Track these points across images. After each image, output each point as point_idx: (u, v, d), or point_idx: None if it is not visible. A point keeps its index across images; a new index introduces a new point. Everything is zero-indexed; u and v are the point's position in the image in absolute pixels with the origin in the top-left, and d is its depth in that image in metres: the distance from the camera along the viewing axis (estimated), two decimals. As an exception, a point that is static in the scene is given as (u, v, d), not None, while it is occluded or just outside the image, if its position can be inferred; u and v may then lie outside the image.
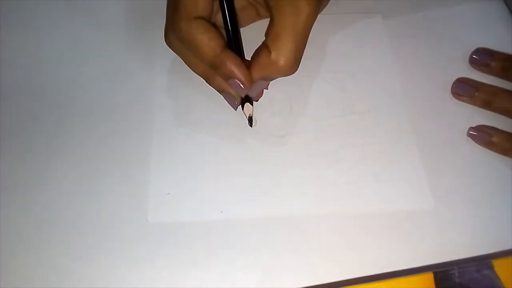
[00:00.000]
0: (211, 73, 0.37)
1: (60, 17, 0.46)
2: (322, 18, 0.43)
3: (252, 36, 0.39)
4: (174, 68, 0.40)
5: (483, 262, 0.34)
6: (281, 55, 0.34)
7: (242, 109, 0.39)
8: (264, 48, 0.35)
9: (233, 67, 0.35)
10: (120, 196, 0.37)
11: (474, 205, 0.37)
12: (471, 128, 0.39)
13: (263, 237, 0.36)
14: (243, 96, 0.38)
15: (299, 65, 0.35)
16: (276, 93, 0.41)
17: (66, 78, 0.42)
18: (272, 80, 0.38)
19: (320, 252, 0.35)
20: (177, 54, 0.39)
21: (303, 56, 0.35)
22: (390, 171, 0.38)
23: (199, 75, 0.39)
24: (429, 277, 0.34)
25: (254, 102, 0.39)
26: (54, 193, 0.37)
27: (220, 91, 0.38)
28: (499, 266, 0.34)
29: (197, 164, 0.38)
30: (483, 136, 0.39)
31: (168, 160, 0.38)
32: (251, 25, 0.43)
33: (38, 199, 0.37)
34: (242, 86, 0.36)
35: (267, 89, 0.39)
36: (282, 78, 0.36)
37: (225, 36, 0.37)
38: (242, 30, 0.41)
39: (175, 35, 0.37)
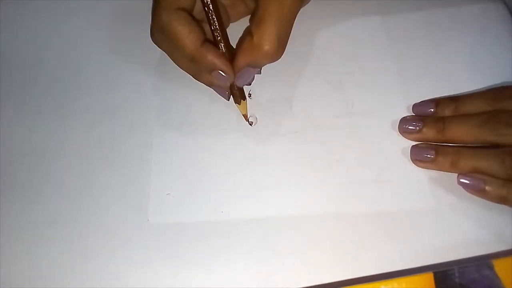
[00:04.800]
0: (197, 69, 0.37)
1: (59, 18, 0.46)
2: (323, 19, 0.43)
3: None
4: (174, 68, 0.40)
5: (483, 262, 0.34)
6: (263, 39, 0.34)
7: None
8: (247, 34, 0.35)
9: (214, 58, 0.35)
10: (121, 197, 0.37)
11: (474, 205, 0.36)
12: (461, 176, 0.36)
13: (263, 237, 0.36)
14: (228, 85, 0.38)
15: (283, 50, 0.35)
16: (276, 92, 0.41)
17: (66, 78, 0.42)
18: (259, 66, 0.37)
19: (320, 252, 0.35)
20: (163, 50, 0.39)
21: (302, 56, 0.35)
22: (390, 171, 0.38)
23: (186, 71, 0.39)
24: (429, 277, 0.34)
25: (251, 96, 0.40)
26: (54, 193, 0.37)
27: (209, 84, 0.38)
28: (499, 266, 0.34)
29: (198, 164, 0.38)
30: (476, 183, 0.35)
31: (168, 160, 0.38)
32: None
33: (38, 199, 0.37)
34: (224, 75, 0.36)
35: (260, 73, 0.39)
36: (281, 78, 0.36)
37: (208, 28, 0.37)
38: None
39: (157, 27, 0.36)
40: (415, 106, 0.40)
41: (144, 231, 0.36)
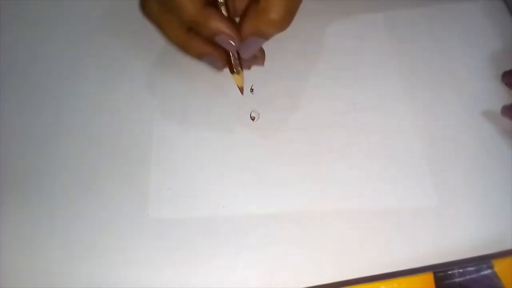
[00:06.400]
0: (189, 37, 0.35)
1: (60, 17, 0.45)
2: (326, 16, 0.43)
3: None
4: (174, 64, 0.40)
5: (483, 262, 0.34)
6: (270, 4, 0.32)
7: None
8: (253, 0, 0.33)
9: (219, 21, 0.33)
10: (121, 191, 0.36)
11: (474, 205, 0.37)
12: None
13: (264, 234, 0.35)
14: (234, 54, 0.36)
15: (291, 19, 0.33)
16: (279, 88, 0.41)
17: (66, 77, 0.42)
18: (266, 37, 0.34)
19: (321, 252, 0.35)
20: (154, 23, 0.36)
21: (305, 53, 0.34)
22: (393, 169, 0.38)
23: (176, 44, 0.36)
24: (429, 277, 0.34)
25: (253, 91, 0.39)
26: (54, 189, 0.37)
27: (200, 55, 0.36)
28: (499, 266, 0.34)
29: (198, 159, 0.38)
30: None
31: (168, 154, 0.38)
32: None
33: (38, 194, 0.36)
34: (231, 41, 0.34)
35: (267, 40, 0.36)
36: (284, 74, 0.36)
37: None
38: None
39: None
40: (505, 76, 0.40)
41: (144, 226, 0.35)
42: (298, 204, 0.36)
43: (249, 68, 0.39)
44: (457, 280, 0.34)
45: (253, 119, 0.39)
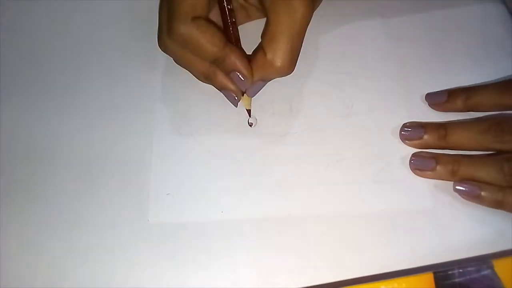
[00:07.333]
0: (212, 71, 0.37)
1: (60, 17, 0.46)
2: (322, 19, 0.43)
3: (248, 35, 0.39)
4: (174, 67, 0.40)
5: (483, 262, 0.34)
6: (276, 56, 0.35)
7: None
8: (260, 49, 0.36)
9: (236, 59, 0.36)
10: (121, 196, 0.37)
11: (474, 205, 0.36)
12: (457, 183, 0.36)
13: (263, 237, 0.36)
14: (244, 91, 0.38)
15: (295, 65, 0.36)
16: (276, 93, 0.41)
17: (66, 78, 0.42)
18: (271, 79, 0.38)
19: (320, 252, 0.35)
20: (174, 57, 0.39)
21: (301, 57, 0.35)
22: (390, 171, 0.38)
23: (198, 75, 0.38)
24: (429, 277, 0.34)
25: (252, 98, 0.40)
26: (54, 193, 0.37)
27: (221, 88, 0.38)
28: (499, 266, 0.34)
29: (198, 164, 0.38)
30: (471, 190, 0.35)
31: (168, 160, 0.38)
32: (248, 25, 0.44)
33: (38, 199, 0.37)
34: (243, 78, 0.36)
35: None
36: (281, 78, 0.36)
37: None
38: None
39: (172, 39, 0.36)
40: (428, 96, 0.41)
41: (144, 231, 0.36)
42: (296, 207, 0.37)
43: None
44: (457, 280, 0.33)
45: (251, 125, 0.40)
